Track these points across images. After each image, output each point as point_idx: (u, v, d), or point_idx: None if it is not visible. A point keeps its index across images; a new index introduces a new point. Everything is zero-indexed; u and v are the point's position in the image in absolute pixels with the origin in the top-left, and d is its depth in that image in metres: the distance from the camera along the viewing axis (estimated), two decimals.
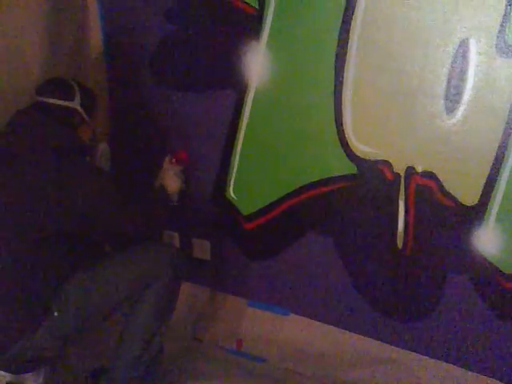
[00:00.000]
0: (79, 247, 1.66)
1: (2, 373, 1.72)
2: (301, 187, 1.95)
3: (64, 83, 1.75)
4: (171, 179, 1.92)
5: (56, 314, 1.57)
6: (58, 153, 1.58)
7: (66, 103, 1.70)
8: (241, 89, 1.94)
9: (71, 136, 1.69)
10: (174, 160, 1.98)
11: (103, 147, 1.95)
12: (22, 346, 1.55)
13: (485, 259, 1.71)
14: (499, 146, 1.60)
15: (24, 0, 1.83)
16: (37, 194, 1.55)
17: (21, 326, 1.54)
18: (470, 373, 1.84)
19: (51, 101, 1.68)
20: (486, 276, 1.73)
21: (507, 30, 1.50)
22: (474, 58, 1.57)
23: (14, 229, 1.55)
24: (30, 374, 1.76)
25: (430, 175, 1.71)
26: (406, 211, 1.79)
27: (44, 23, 1.92)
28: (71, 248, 1.63)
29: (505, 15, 1.50)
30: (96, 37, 2.15)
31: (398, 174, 1.76)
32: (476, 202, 1.68)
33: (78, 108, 1.72)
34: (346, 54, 1.74)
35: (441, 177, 1.70)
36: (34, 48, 1.91)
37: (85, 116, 1.75)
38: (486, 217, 1.67)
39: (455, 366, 1.86)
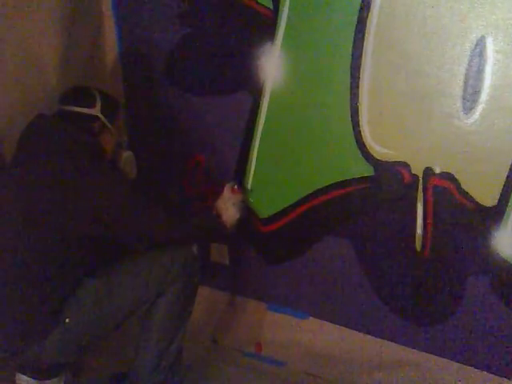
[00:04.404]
0: (94, 254, 1.66)
1: (25, 378, 1.75)
2: (318, 190, 1.93)
3: (84, 91, 1.75)
4: (228, 208, 1.91)
5: (67, 320, 1.57)
6: (76, 157, 1.58)
7: (86, 110, 1.70)
8: (256, 91, 1.93)
9: (90, 142, 1.67)
10: (235, 188, 1.96)
11: (126, 155, 1.92)
12: (34, 351, 1.56)
13: (505, 260, 1.69)
14: None
15: (40, 6, 1.84)
16: (53, 197, 1.54)
17: (30, 331, 1.55)
18: (490, 375, 1.82)
19: (71, 108, 1.69)
20: (506, 278, 1.70)
21: None
22: (491, 56, 1.54)
23: (31, 231, 1.54)
24: (52, 380, 1.79)
25: (449, 176, 1.69)
26: (425, 213, 1.77)
27: (60, 29, 1.93)
28: (86, 254, 1.63)
29: None
30: (111, 41, 2.15)
31: (416, 175, 1.74)
32: (495, 202, 1.65)
33: (99, 115, 1.71)
34: (361, 54, 1.71)
35: (459, 177, 1.68)
36: (51, 54, 1.92)
37: (106, 123, 1.73)
38: (505, 218, 1.65)
39: (476, 369, 1.84)
